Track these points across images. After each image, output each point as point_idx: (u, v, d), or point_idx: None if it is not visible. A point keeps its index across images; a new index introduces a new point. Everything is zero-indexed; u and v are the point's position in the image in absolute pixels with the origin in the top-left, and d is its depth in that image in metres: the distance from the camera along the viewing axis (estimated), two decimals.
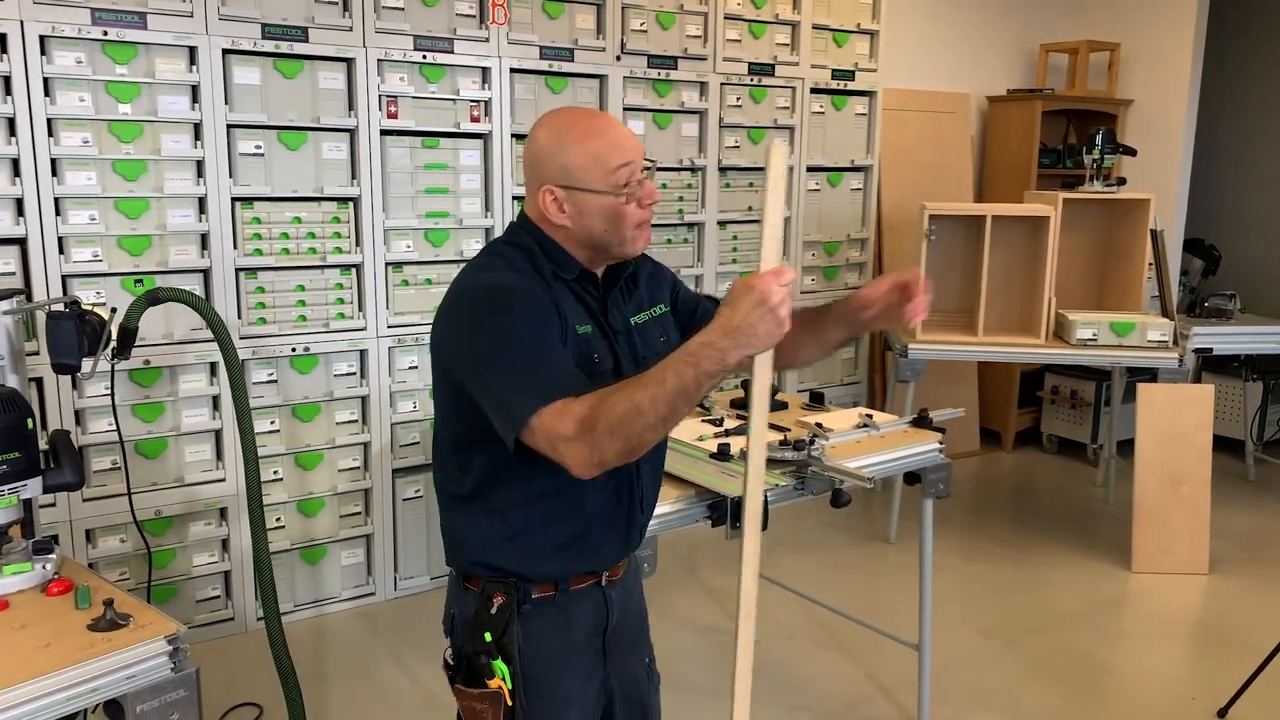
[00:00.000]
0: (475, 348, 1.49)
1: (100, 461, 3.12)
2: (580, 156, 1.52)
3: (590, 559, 1.64)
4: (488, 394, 1.47)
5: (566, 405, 1.38)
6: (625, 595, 1.75)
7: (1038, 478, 5.31)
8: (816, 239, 4.71)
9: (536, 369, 1.43)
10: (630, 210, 1.54)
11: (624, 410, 1.33)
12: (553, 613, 1.62)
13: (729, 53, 4.23)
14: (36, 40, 2.86)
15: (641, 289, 1.71)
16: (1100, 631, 3.57)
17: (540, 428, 1.39)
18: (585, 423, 1.35)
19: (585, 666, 1.69)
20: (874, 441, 2.67)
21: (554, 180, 1.54)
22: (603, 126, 1.56)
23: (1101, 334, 4.03)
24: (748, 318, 1.31)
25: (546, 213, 1.56)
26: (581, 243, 1.58)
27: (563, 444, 1.37)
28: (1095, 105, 5.57)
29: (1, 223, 2.89)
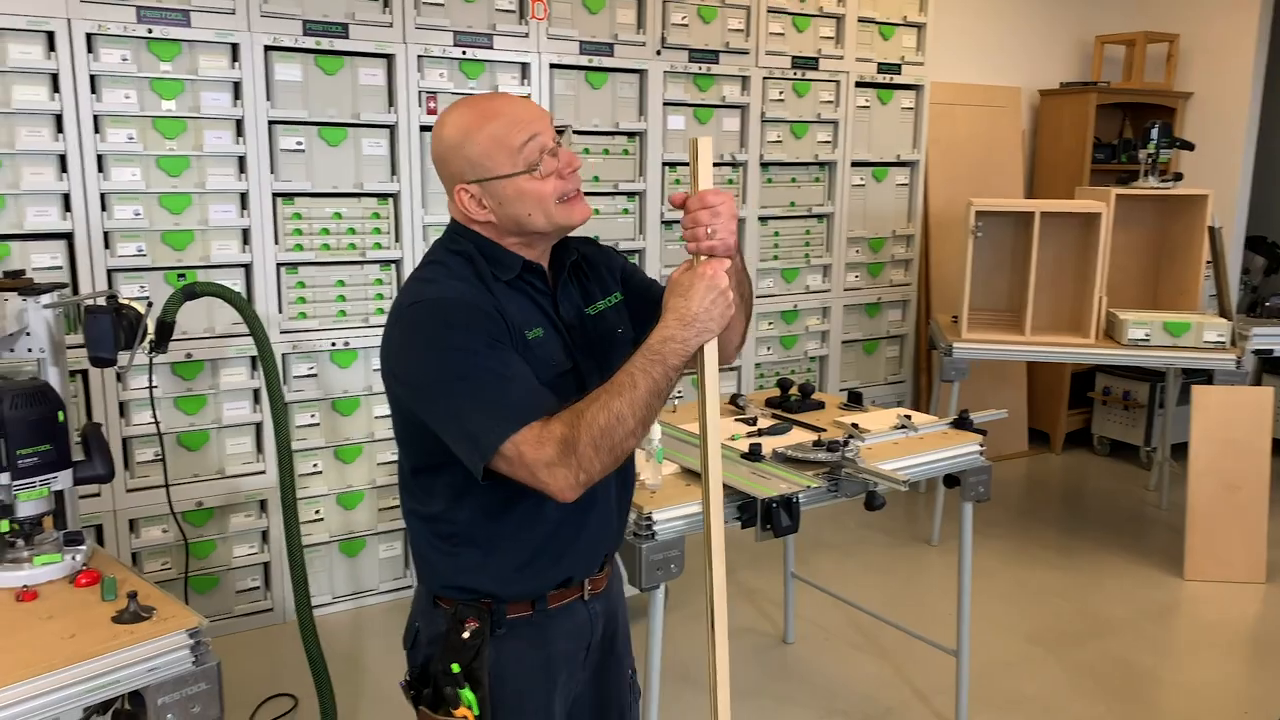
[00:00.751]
0: (427, 372, 1.40)
1: (143, 453, 3.17)
2: (482, 144, 1.43)
3: (564, 570, 1.56)
4: (447, 421, 1.39)
5: (543, 428, 1.33)
6: (606, 608, 1.67)
7: (1088, 480, 5.18)
8: (861, 235, 4.63)
9: (499, 392, 1.36)
10: (550, 185, 1.45)
11: (605, 422, 1.31)
12: (529, 632, 1.55)
13: (772, 46, 4.18)
14: (84, 38, 2.91)
15: (591, 277, 1.62)
16: (1149, 641, 3.46)
17: (517, 456, 1.33)
18: (566, 443, 1.31)
19: (564, 680, 1.61)
20: (912, 443, 2.61)
21: (465, 176, 1.45)
22: (499, 106, 1.47)
23: (1154, 334, 3.91)
24: (702, 304, 1.34)
25: (467, 211, 1.47)
26: (511, 233, 1.48)
27: (545, 470, 1.32)
28: (1152, 98, 5.41)
29: (49, 217, 2.95)
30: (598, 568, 1.62)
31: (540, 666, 1.57)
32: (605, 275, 1.64)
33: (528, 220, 1.46)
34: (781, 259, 4.42)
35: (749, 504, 2.17)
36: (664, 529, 2.09)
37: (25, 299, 2.18)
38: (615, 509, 1.63)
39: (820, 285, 4.56)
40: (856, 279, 4.68)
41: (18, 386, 1.68)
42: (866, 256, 4.69)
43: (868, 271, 4.72)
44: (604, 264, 1.65)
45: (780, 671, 3.20)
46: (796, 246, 4.47)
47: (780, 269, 4.42)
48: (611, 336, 1.58)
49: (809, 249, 4.50)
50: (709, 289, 1.34)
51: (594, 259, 1.64)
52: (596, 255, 1.65)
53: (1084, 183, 5.16)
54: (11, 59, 2.83)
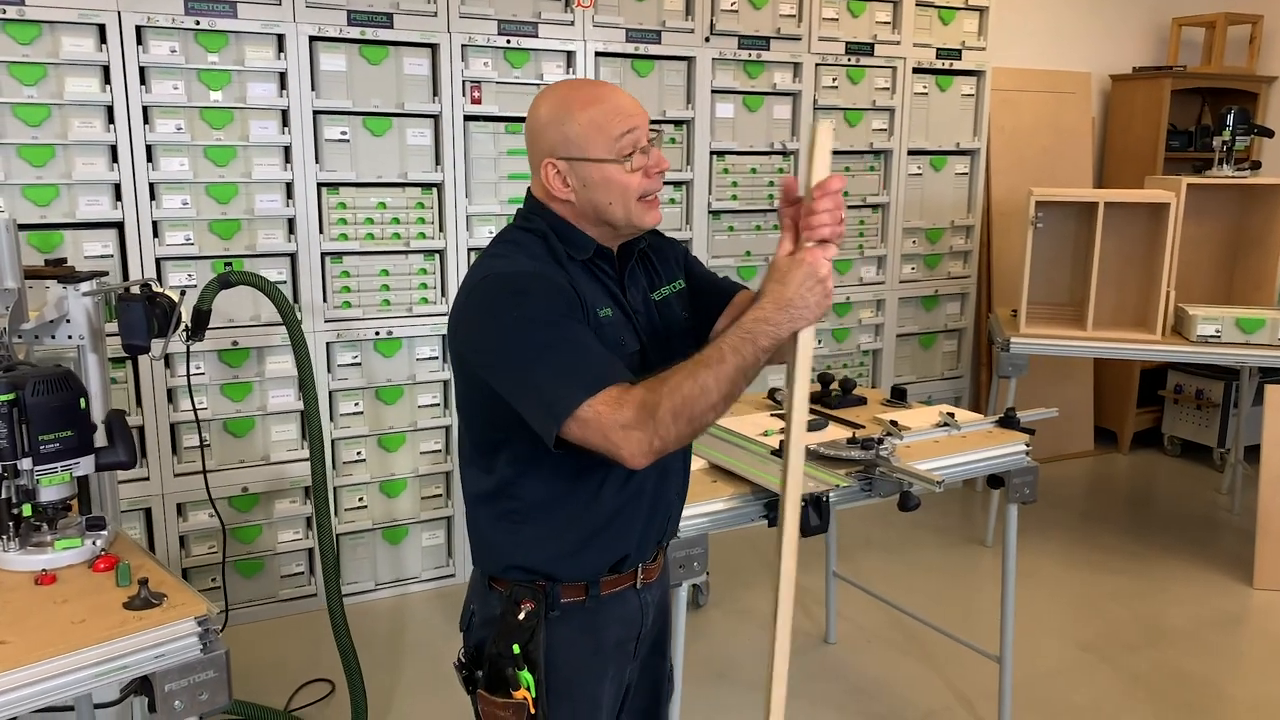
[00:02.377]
0: (501, 340, 1.41)
1: (191, 438, 3.23)
2: (581, 124, 1.45)
3: (619, 550, 1.56)
4: (521, 387, 1.39)
5: (623, 391, 1.33)
6: (660, 597, 1.69)
7: (1156, 482, 4.98)
8: (918, 225, 4.51)
9: (576, 358, 1.37)
10: (635, 180, 1.46)
11: (689, 391, 1.31)
12: (583, 618, 1.56)
13: (825, 32, 4.08)
14: (133, 30, 2.96)
15: (655, 263, 1.63)
16: (1213, 651, 3.31)
17: (593, 418, 1.32)
18: (646, 408, 1.31)
19: (615, 671, 1.63)
20: (953, 442, 2.52)
21: (555, 152, 1.46)
22: (604, 93, 1.49)
23: (1225, 330, 3.73)
24: (799, 290, 1.34)
25: (550, 187, 1.48)
26: (588, 218, 1.50)
27: (620, 432, 1.32)
28: (1233, 83, 5.16)
29: (100, 207, 3.02)
30: (652, 555, 1.62)
31: (591, 654, 1.58)
32: (670, 263, 1.67)
33: (607, 209, 1.48)
34: None
35: (776, 502, 2.11)
36: (687, 526, 2.04)
37: (65, 286, 2.23)
38: (676, 497, 1.64)
39: (874, 277, 4.46)
40: (913, 271, 4.56)
41: (40, 373, 1.70)
42: (924, 248, 4.56)
43: (924, 263, 4.59)
44: (669, 252, 1.68)
45: (819, 672, 3.14)
46: (850, 237, 4.36)
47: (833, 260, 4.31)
48: (676, 322, 1.60)
49: (863, 239, 4.40)
50: (808, 276, 1.35)
51: (659, 247, 1.66)
52: (661, 243, 1.67)
53: (1157, 172, 4.95)
54: (65, 51, 2.90)
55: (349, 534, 3.51)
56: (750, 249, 4.11)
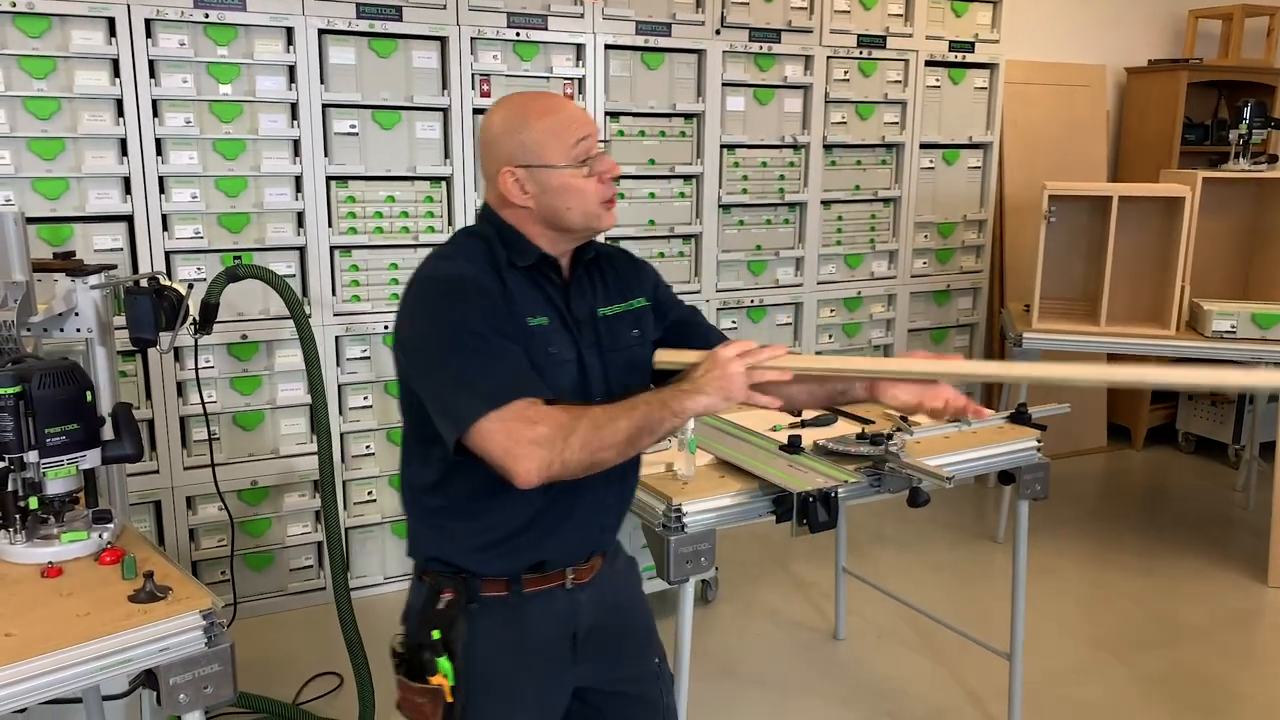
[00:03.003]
0: (425, 341, 1.47)
1: (200, 431, 3.23)
2: (538, 132, 1.51)
3: (539, 553, 1.58)
4: (433, 389, 1.46)
5: (534, 407, 1.39)
6: (602, 598, 1.66)
7: (1170, 479, 4.94)
8: (930, 220, 4.48)
9: (487, 367, 1.41)
10: (592, 185, 1.53)
11: (605, 430, 1.40)
12: (506, 613, 1.58)
13: (837, 24, 4.05)
14: (142, 23, 2.96)
15: (610, 279, 1.65)
16: (1227, 650, 3.28)
17: (497, 431, 1.37)
18: (562, 429, 1.38)
19: (547, 669, 1.62)
20: (964, 437, 2.50)
21: (513, 160, 1.52)
22: (557, 104, 1.56)
23: (1241, 326, 3.69)
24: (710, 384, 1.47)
25: (508, 194, 1.52)
26: (545, 222, 1.54)
27: (526, 446, 1.36)
28: (1251, 76, 5.11)
29: (110, 200, 3.02)
30: (583, 559, 1.63)
31: (515, 649, 1.59)
32: (631, 282, 1.69)
33: (565, 213, 1.53)
34: (845, 244, 4.30)
35: (784, 497, 2.10)
36: (694, 521, 2.04)
37: (74, 280, 2.23)
38: (610, 507, 1.65)
39: (886, 271, 4.43)
40: (924, 265, 4.53)
41: (46, 366, 1.70)
42: (936, 242, 4.53)
43: (936, 258, 4.56)
44: (632, 272, 1.70)
45: (829, 669, 3.12)
46: (861, 232, 4.34)
47: (844, 254, 4.30)
48: (622, 338, 1.62)
49: (874, 234, 4.37)
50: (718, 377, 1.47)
51: (620, 264, 1.70)
52: (624, 262, 1.71)
53: (1173, 166, 4.90)
54: (74, 45, 2.90)
55: (358, 527, 3.51)
56: (760, 243, 4.09)
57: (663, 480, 2.13)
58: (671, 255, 3.91)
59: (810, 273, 4.20)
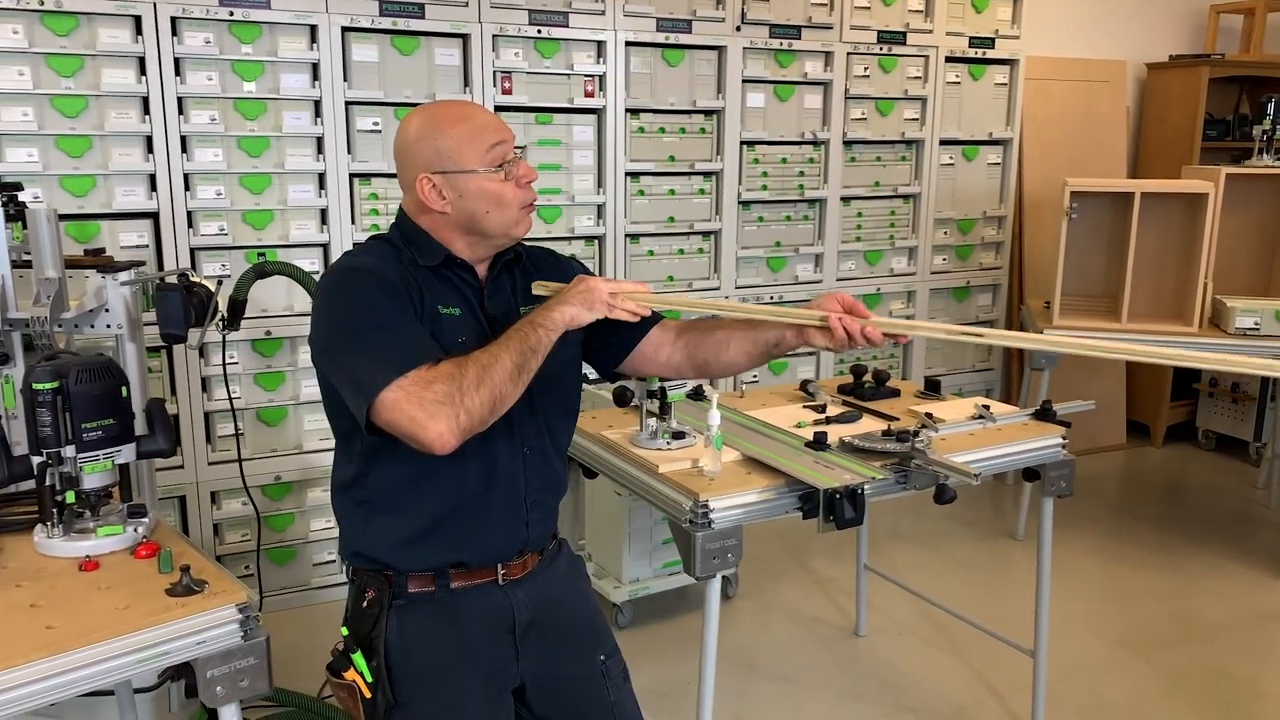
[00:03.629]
0: (328, 329, 1.52)
1: (224, 427, 3.26)
2: (453, 139, 1.54)
3: (461, 552, 1.60)
4: (339, 371, 1.49)
5: (428, 370, 1.41)
6: (539, 594, 1.69)
7: (1190, 476, 4.92)
8: (950, 216, 4.47)
9: (387, 343, 1.44)
10: (510, 189, 1.57)
11: (492, 370, 1.43)
12: (436, 608, 1.61)
13: (857, 20, 4.05)
14: (168, 22, 2.98)
15: (531, 279, 1.68)
16: (1250, 648, 3.27)
17: (401, 398, 1.39)
18: (455, 380, 1.40)
19: (488, 663, 1.65)
20: (989, 434, 2.50)
21: (429, 166, 1.54)
22: (471, 111, 1.60)
23: (1265, 323, 3.67)
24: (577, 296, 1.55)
25: (426, 201, 1.55)
26: (463, 227, 1.57)
27: (428, 407, 1.38)
28: (1273, 71, 5.07)
29: (136, 197, 3.04)
30: (514, 555, 1.66)
31: (450, 643, 1.61)
32: (555, 279, 1.70)
33: (484, 217, 1.56)
34: (865, 241, 4.29)
35: (811, 494, 2.10)
36: (721, 518, 2.04)
37: (104, 276, 2.26)
38: (532, 504, 1.66)
39: (905, 268, 4.42)
40: (944, 262, 4.52)
41: (83, 361, 1.71)
42: (955, 239, 4.53)
43: (956, 254, 4.55)
44: (554, 271, 1.73)
45: (849, 664, 3.12)
46: (881, 228, 4.33)
47: (863, 251, 4.30)
48: None
49: (894, 230, 4.37)
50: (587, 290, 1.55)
51: (542, 264, 1.73)
52: (548, 262, 1.75)
53: (1194, 162, 4.87)
54: (101, 43, 2.92)
55: None
56: (780, 239, 4.09)
57: (689, 477, 2.14)
58: (691, 252, 3.91)
59: (830, 269, 4.20)
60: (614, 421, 2.51)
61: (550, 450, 1.70)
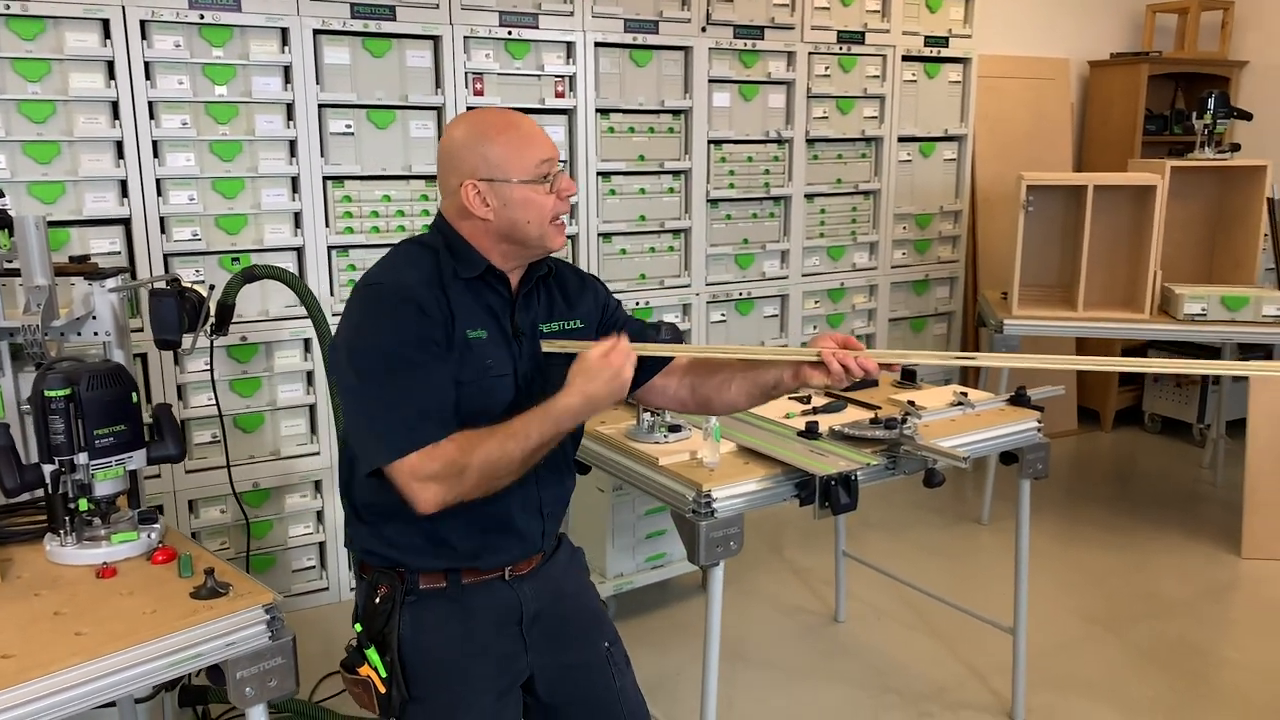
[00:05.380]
0: (350, 351, 1.54)
1: (201, 435, 3.22)
2: (501, 147, 1.56)
3: (471, 557, 1.64)
4: (350, 410, 1.56)
5: (434, 448, 1.47)
6: (544, 586, 1.73)
7: (1139, 459, 5.11)
8: (908, 211, 4.58)
9: (400, 406, 1.48)
10: (551, 201, 1.59)
11: (496, 460, 1.48)
12: (446, 605, 1.64)
13: (817, 21, 4.13)
14: (137, 25, 2.93)
15: (559, 296, 1.72)
16: (1207, 619, 3.42)
17: (398, 469, 1.48)
18: (455, 467, 1.47)
19: (498, 656, 1.68)
20: (969, 420, 2.59)
21: (475, 173, 1.57)
22: (520, 121, 1.62)
23: (1211, 308, 3.84)
24: (605, 389, 1.52)
25: (469, 206, 1.57)
26: (502, 235, 1.59)
27: (420, 483, 1.47)
28: (1206, 68, 5.29)
29: (107, 203, 2.99)
30: (521, 556, 1.69)
31: (462, 638, 1.65)
32: (579, 301, 1.75)
33: (525, 227, 1.58)
34: (828, 236, 4.38)
35: (807, 481, 2.16)
36: (723, 506, 2.09)
37: (91, 283, 2.23)
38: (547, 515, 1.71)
39: (867, 263, 4.52)
40: (904, 256, 4.63)
41: (93, 368, 1.70)
42: (914, 233, 4.64)
43: (915, 248, 4.66)
44: (579, 292, 1.76)
45: (832, 650, 3.20)
46: (843, 224, 4.42)
47: (826, 247, 4.39)
48: (555, 355, 1.66)
49: (855, 226, 4.46)
50: (612, 379, 1.52)
51: (570, 283, 1.76)
52: (574, 282, 1.77)
53: (1135, 156, 5.06)
54: (69, 47, 2.87)
55: None
56: (748, 236, 4.16)
57: (689, 468, 2.18)
58: (662, 250, 3.96)
59: (795, 265, 4.29)
60: (607, 417, 2.54)
61: (563, 464, 1.75)
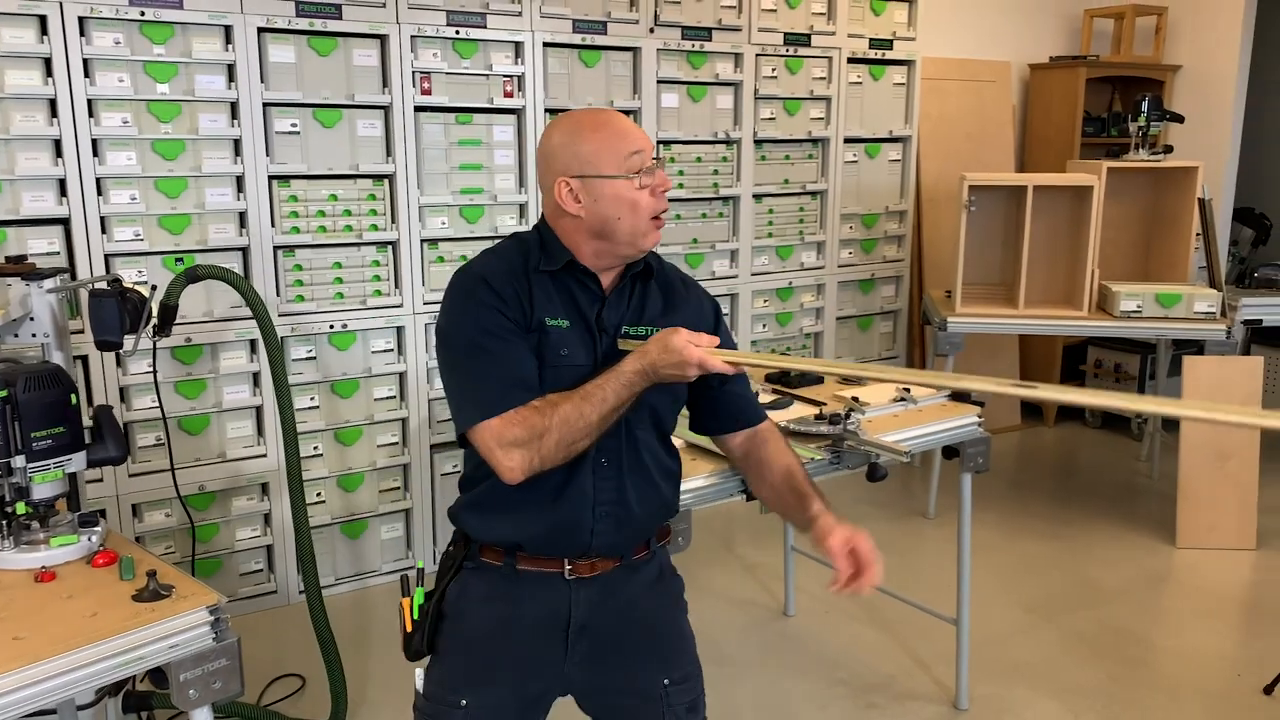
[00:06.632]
0: (445, 332, 1.62)
1: (145, 438, 3.17)
2: (593, 144, 1.58)
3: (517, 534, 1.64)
4: (448, 383, 1.63)
5: (516, 413, 1.52)
6: (604, 600, 1.68)
7: (1080, 452, 5.24)
8: (854, 211, 4.65)
9: (487, 375, 1.55)
10: (644, 197, 1.59)
11: (574, 423, 1.51)
12: (497, 580, 1.67)
13: (764, 23, 4.18)
14: (75, 21, 2.88)
15: (656, 300, 1.70)
16: (1144, 607, 3.52)
17: (484, 435, 1.53)
18: (535, 430, 1.51)
19: (533, 651, 1.67)
20: (911, 415, 2.64)
21: (568, 171, 1.59)
22: (614, 118, 1.64)
23: (1146, 305, 3.95)
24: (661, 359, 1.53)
25: (562, 204, 1.60)
26: (594, 232, 1.60)
27: (504, 449, 1.52)
28: (1141, 71, 5.43)
29: (45, 203, 2.94)
30: (573, 555, 1.65)
31: (501, 618, 1.66)
32: (676, 309, 1.71)
33: (615, 223, 1.59)
34: (776, 236, 4.43)
35: None
36: None
37: (28, 284, 2.18)
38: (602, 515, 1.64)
39: (815, 262, 4.58)
40: (850, 255, 4.70)
41: (30, 370, 1.68)
42: (860, 233, 4.71)
43: (861, 248, 4.73)
44: (687, 300, 1.74)
45: (781, 643, 3.24)
46: (791, 224, 4.48)
47: (775, 246, 4.44)
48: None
49: (803, 226, 4.52)
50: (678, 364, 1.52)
51: (676, 290, 1.74)
52: (681, 290, 1.75)
53: (1074, 157, 5.18)
54: (4, 43, 2.81)
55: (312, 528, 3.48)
56: (697, 236, 4.19)
57: None
58: None
59: (745, 264, 4.33)
60: None
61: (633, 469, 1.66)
